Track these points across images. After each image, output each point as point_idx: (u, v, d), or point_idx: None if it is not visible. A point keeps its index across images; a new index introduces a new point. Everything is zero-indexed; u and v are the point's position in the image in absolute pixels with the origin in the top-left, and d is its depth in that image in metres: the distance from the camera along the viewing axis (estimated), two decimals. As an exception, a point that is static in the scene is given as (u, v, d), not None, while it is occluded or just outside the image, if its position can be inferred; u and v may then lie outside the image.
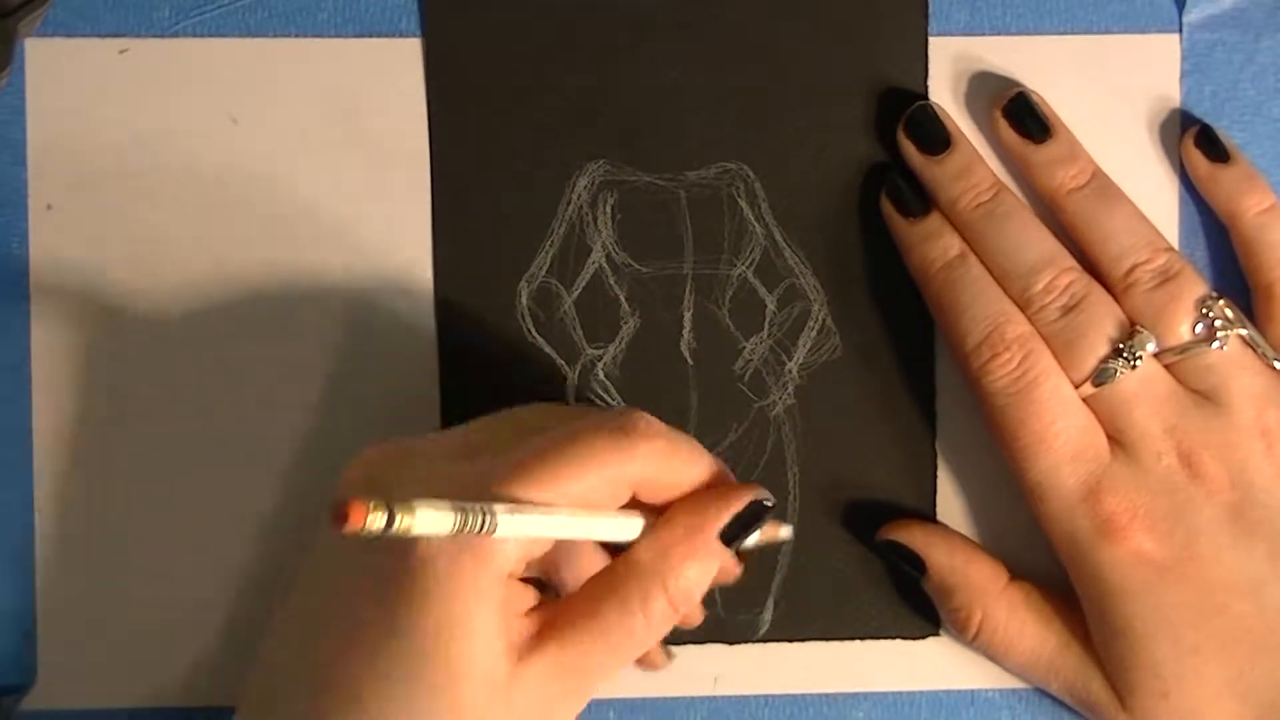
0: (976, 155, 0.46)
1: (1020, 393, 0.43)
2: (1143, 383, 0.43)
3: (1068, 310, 0.43)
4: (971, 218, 0.45)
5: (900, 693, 0.47)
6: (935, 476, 0.47)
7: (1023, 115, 0.45)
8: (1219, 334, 0.43)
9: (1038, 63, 0.47)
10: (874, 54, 0.46)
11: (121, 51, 0.46)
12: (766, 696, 0.47)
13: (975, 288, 0.44)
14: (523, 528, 0.37)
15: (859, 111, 0.46)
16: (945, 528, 0.46)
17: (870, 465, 0.47)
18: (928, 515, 0.47)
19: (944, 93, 0.47)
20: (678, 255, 0.46)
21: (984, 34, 0.47)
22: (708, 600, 0.44)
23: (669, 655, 0.46)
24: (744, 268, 0.46)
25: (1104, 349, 0.43)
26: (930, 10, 0.47)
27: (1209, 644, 0.42)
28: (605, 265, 0.46)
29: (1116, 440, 0.43)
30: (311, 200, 0.46)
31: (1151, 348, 0.43)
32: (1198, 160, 0.46)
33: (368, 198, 0.46)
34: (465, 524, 0.35)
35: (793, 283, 0.46)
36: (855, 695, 0.47)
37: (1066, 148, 0.45)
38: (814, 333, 0.46)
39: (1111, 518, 0.42)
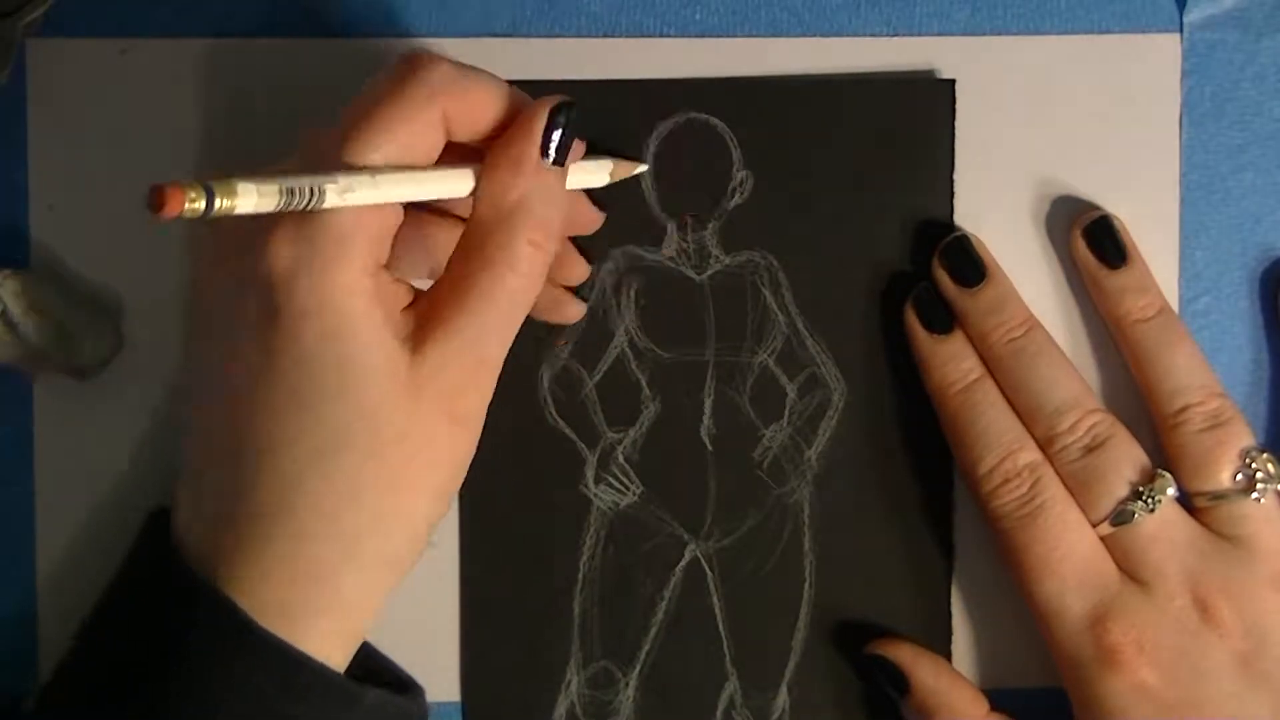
0: (1011, 289, 0.46)
1: (1027, 516, 0.44)
2: (1161, 526, 0.43)
3: (1089, 450, 0.44)
4: (1002, 352, 0.45)
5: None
6: (951, 566, 0.47)
7: (1102, 239, 0.46)
8: (1259, 486, 0.43)
9: (1038, 62, 0.47)
10: (900, 153, 0.46)
11: (122, 51, 0.46)
12: (767, 696, 0.47)
13: (991, 414, 0.45)
14: (353, 197, 0.37)
15: (884, 206, 0.46)
16: (931, 652, 0.46)
17: (886, 555, 0.46)
18: (942, 607, 0.47)
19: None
20: (700, 342, 0.46)
21: (984, 34, 0.47)
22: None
23: (580, 302, 0.46)
24: (765, 356, 0.46)
25: (1123, 491, 0.43)
26: (931, 10, 0.47)
27: None
28: (628, 350, 0.46)
29: (1132, 577, 0.43)
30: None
31: (1172, 492, 0.43)
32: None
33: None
34: (292, 199, 0.35)
35: (814, 371, 0.46)
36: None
37: (1139, 277, 0.46)
38: (833, 422, 0.46)
39: (1117, 647, 0.43)
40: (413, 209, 0.40)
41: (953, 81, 0.46)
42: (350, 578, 0.39)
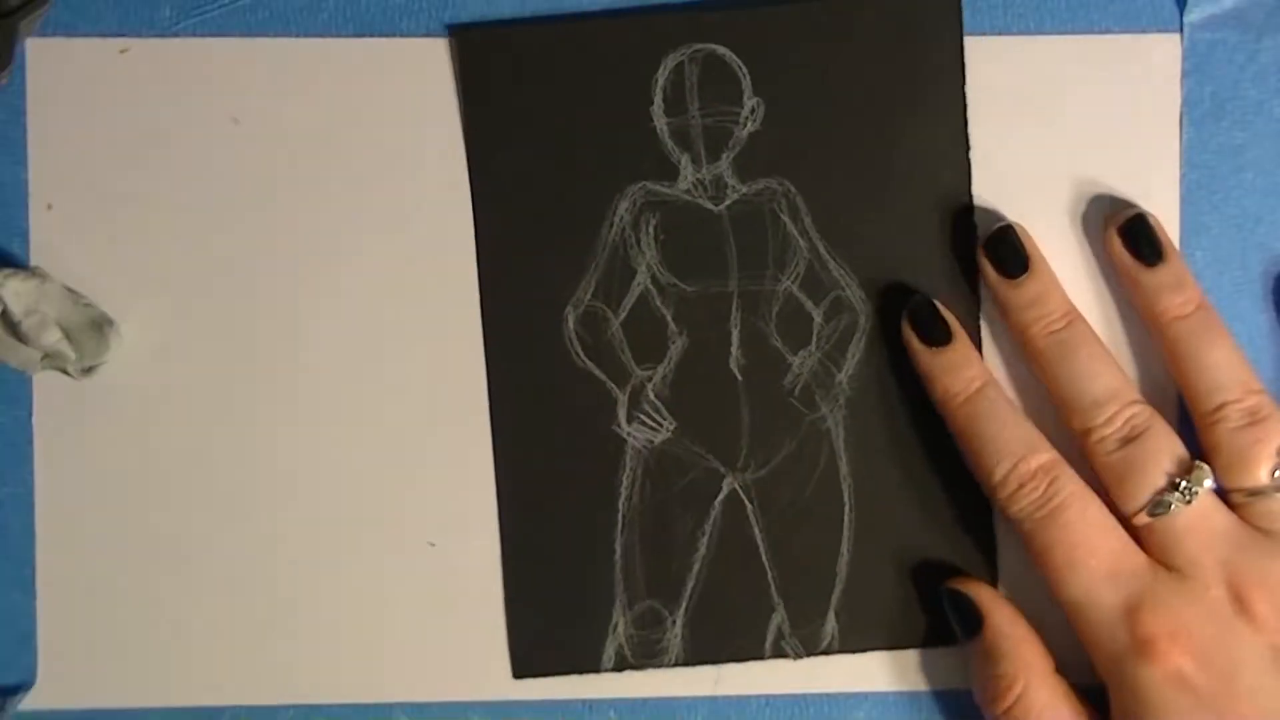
0: (1053, 281, 0.46)
1: (1047, 516, 0.44)
2: (1198, 517, 0.43)
3: (1127, 442, 0.44)
4: (1043, 345, 0.45)
5: (900, 693, 0.47)
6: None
7: (1139, 237, 0.45)
8: None
9: (1039, 63, 0.47)
10: (910, 68, 0.46)
11: (121, 51, 0.46)
12: (767, 697, 0.47)
13: (999, 420, 0.45)
14: None
15: (898, 124, 0.46)
16: (1010, 603, 0.46)
17: (923, 475, 0.46)
18: (985, 524, 0.46)
19: (944, 93, 0.47)
20: (722, 273, 0.46)
21: (985, 34, 0.47)
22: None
23: None
24: (789, 282, 0.46)
25: (1160, 481, 0.43)
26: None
27: None
28: (650, 286, 0.46)
29: (1166, 567, 0.43)
30: (314, 204, 0.46)
31: (1209, 484, 0.43)
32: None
33: (368, 200, 0.46)
34: None
35: (838, 295, 0.46)
36: (855, 695, 0.47)
37: (1176, 275, 0.45)
38: (861, 344, 0.46)
39: (1153, 638, 0.42)
40: None
41: None
42: None
